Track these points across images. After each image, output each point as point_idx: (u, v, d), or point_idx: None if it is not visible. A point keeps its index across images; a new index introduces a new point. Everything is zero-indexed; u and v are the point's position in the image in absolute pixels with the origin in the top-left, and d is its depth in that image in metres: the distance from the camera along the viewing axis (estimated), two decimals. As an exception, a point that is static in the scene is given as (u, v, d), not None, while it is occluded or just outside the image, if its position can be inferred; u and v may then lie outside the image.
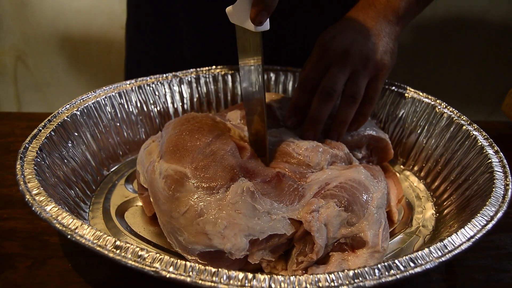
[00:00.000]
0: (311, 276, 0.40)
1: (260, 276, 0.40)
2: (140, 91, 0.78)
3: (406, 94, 0.78)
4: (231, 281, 0.40)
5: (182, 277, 0.40)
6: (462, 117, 0.70)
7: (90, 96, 0.71)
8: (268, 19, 0.53)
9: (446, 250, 0.45)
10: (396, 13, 0.70)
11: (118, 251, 0.42)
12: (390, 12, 0.70)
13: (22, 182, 0.51)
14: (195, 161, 0.55)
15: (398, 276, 0.41)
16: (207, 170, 0.54)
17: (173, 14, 0.94)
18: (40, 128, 0.61)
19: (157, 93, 0.80)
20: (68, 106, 0.68)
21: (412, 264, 0.42)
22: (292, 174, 0.59)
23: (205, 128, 0.61)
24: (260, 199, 0.52)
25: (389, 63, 0.69)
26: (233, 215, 0.50)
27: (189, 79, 0.83)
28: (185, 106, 0.84)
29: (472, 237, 0.47)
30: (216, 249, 0.49)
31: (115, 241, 0.43)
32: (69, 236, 0.44)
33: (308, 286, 0.39)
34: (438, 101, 0.74)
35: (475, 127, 0.67)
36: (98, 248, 0.43)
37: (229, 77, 0.86)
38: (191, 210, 0.50)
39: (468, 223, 0.48)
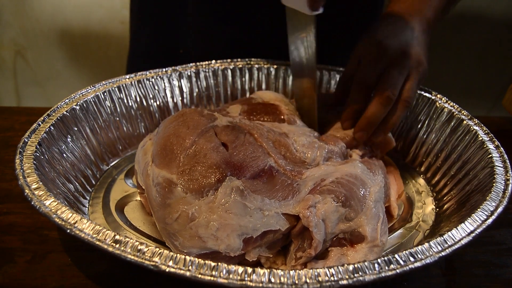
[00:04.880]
0: (311, 270, 0.40)
1: (259, 271, 0.40)
2: (140, 85, 0.77)
3: (406, 89, 0.78)
4: (231, 275, 0.40)
5: (182, 271, 0.40)
6: (462, 112, 0.70)
7: (90, 90, 0.71)
8: None
9: (446, 245, 0.45)
10: (428, 23, 0.70)
11: (117, 246, 0.42)
12: (424, 22, 0.70)
13: (21, 177, 0.51)
14: (181, 164, 0.55)
15: (398, 271, 0.41)
16: (193, 172, 0.54)
17: (177, 8, 0.94)
18: (40, 123, 0.61)
19: (156, 87, 0.80)
20: (67, 100, 0.67)
21: (412, 259, 0.42)
22: (286, 171, 0.58)
23: (190, 126, 0.61)
24: (250, 196, 0.52)
25: (427, 70, 0.68)
26: (224, 216, 0.49)
27: (189, 74, 0.83)
28: (185, 100, 0.83)
29: (472, 232, 0.47)
30: (211, 250, 0.49)
31: (114, 235, 0.43)
32: (68, 231, 0.44)
33: (308, 280, 0.39)
34: (438, 95, 0.74)
35: (476, 122, 0.67)
36: (97, 243, 0.43)
37: (229, 71, 0.86)
38: (182, 216, 0.50)
39: (468, 218, 0.48)
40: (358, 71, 0.68)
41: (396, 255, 0.42)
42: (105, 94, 0.72)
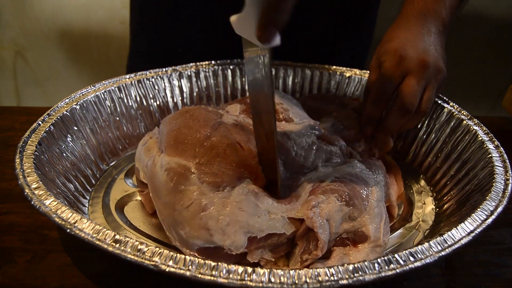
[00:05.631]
0: (311, 270, 0.40)
1: (259, 270, 0.40)
2: (140, 85, 0.78)
3: (406, 89, 0.78)
4: (231, 275, 0.40)
5: (182, 271, 0.40)
6: (462, 112, 0.70)
7: (90, 90, 0.71)
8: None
9: (446, 245, 0.45)
10: (444, 23, 0.70)
11: (117, 245, 0.42)
12: (440, 23, 0.69)
13: (21, 176, 0.51)
14: (198, 155, 0.55)
15: (398, 271, 0.41)
16: (211, 165, 0.54)
17: (179, 7, 0.94)
18: (40, 122, 0.61)
19: (156, 87, 0.80)
20: (67, 100, 0.67)
21: (412, 259, 0.42)
22: (285, 177, 0.59)
23: (200, 119, 0.61)
24: (263, 198, 0.52)
25: (446, 75, 0.68)
26: (236, 212, 0.50)
27: (189, 73, 0.83)
28: (185, 100, 0.83)
29: (472, 231, 0.47)
30: (215, 245, 0.49)
31: (114, 235, 0.43)
32: (68, 230, 0.44)
33: (308, 280, 0.39)
34: (438, 95, 0.74)
35: (476, 122, 0.67)
36: (97, 242, 0.43)
37: (229, 71, 0.86)
38: (195, 204, 0.50)
39: (468, 218, 0.48)
40: (376, 81, 0.67)
41: (396, 255, 0.42)
42: (105, 94, 0.72)
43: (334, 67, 0.87)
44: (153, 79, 0.79)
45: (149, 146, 0.63)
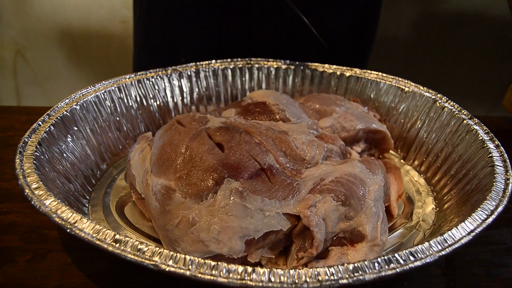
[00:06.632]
0: (311, 269, 0.40)
1: (259, 270, 0.40)
2: (140, 85, 0.77)
3: (406, 89, 0.78)
4: (231, 275, 0.40)
5: (182, 271, 0.40)
6: (462, 111, 0.70)
7: (90, 90, 0.71)
8: None
9: (446, 244, 0.45)
10: None
11: (117, 245, 0.42)
12: None
13: (21, 176, 0.51)
14: (178, 170, 0.55)
15: (398, 270, 0.41)
16: (190, 177, 0.53)
17: (182, 8, 0.94)
18: (40, 123, 0.61)
19: (156, 87, 0.80)
20: (67, 100, 0.67)
21: (412, 258, 0.42)
22: (286, 169, 0.58)
23: (181, 132, 0.61)
24: (250, 198, 0.51)
25: None
26: (225, 218, 0.49)
27: (189, 73, 0.83)
28: (185, 100, 0.83)
29: (472, 231, 0.47)
30: (214, 254, 0.48)
31: (114, 235, 0.43)
32: (68, 230, 0.44)
33: (308, 279, 0.39)
34: (438, 95, 0.74)
35: (476, 121, 0.67)
36: (97, 242, 0.43)
37: (229, 71, 0.86)
38: (183, 221, 0.50)
39: (468, 217, 0.48)
40: None
41: (396, 254, 0.42)
42: (105, 94, 0.72)
43: (334, 66, 0.87)
44: (153, 79, 0.79)
45: (144, 155, 0.62)
